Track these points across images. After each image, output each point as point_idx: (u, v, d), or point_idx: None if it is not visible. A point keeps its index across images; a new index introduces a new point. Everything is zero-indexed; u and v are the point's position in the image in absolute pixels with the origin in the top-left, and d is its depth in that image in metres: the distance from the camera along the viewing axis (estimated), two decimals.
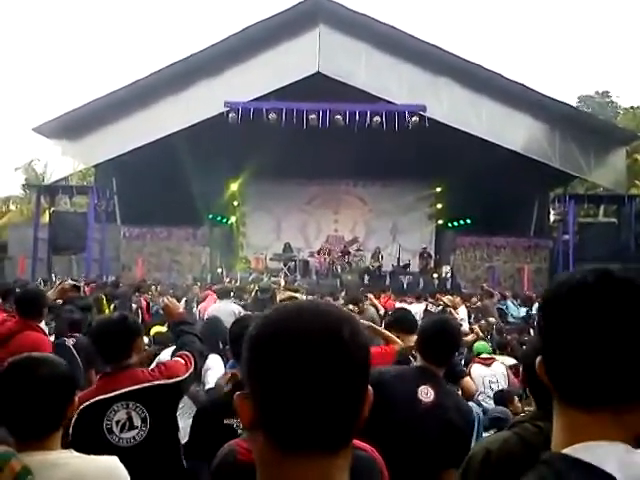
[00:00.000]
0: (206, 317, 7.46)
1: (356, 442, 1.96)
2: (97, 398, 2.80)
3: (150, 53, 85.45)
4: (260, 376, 0.92)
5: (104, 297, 8.21)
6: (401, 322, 4.53)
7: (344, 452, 0.94)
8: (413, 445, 2.79)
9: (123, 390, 2.80)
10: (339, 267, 22.51)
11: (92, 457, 1.90)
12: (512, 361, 7.11)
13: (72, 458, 1.87)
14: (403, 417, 2.85)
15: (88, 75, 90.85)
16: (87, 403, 2.75)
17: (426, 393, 2.89)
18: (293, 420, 0.90)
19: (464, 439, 2.90)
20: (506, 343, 8.08)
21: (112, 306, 8.62)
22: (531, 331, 13.31)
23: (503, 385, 6.21)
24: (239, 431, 2.56)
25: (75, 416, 2.62)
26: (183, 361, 3.07)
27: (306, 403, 0.89)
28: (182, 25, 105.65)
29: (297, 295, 4.90)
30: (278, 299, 4.99)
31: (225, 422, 2.72)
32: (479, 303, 15.53)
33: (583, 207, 21.01)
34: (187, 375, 3.03)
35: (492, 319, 12.88)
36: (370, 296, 10.98)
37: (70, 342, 5.09)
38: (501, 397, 5.81)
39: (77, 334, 5.35)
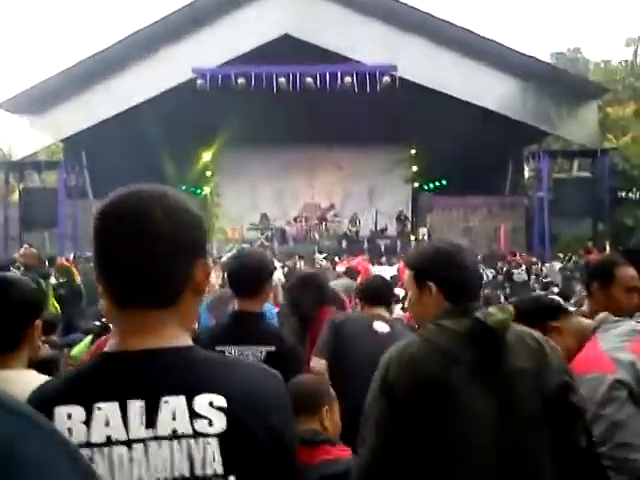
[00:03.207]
0: None
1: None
2: None
3: (113, 22, 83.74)
4: (94, 247, 1.12)
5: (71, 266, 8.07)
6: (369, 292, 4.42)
7: (170, 309, 1.12)
8: (371, 368, 2.87)
9: None
10: (316, 234, 22.46)
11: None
12: None
13: (34, 377, 1.83)
14: (361, 344, 3.14)
15: (50, 48, 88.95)
16: None
17: (381, 326, 3.18)
18: (117, 283, 1.12)
19: None
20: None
21: None
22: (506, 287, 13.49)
23: None
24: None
25: None
26: None
27: (123, 269, 1.10)
28: None
29: None
30: None
31: (217, 349, 2.72)
32: None
33: (557, 162, 21.06)
34: None
35: None
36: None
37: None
38: None
39: (52, 336, 5.16)
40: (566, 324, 2.39)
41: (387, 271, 12.91)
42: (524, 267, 14.62)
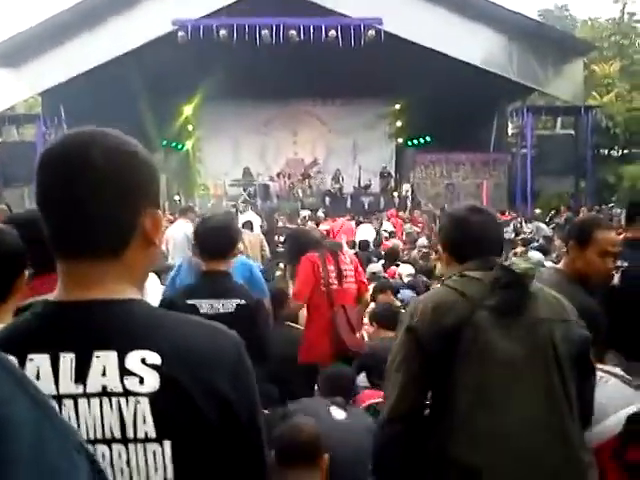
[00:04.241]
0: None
1: None
2: None
3: None
4: (35, 194, 1.07)
5: None
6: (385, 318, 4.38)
7: (114, 261, 1.06)
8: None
9: None
10: (300, 190, 22.35)
11: None
12: None
13: None
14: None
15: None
16: None
17: (338, 412, 2.93)
18: (57, 232, 1.06)
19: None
20: None
21: None
22: None
23: None
24: (202, 311, 2.88)
25: None
26: None
27: (62, 216, 1.04)
28: None
29: None
30: None
31: (189, 302, 2.94)
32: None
33: (541, 119, 21.05)
34: None
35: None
36: None
37: None
38: None
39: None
40: None
41: (368, 231, 13.03)
42: (512, 226, 14.77)
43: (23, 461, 0.66)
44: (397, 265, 7.83)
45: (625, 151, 21.26)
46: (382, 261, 8.25)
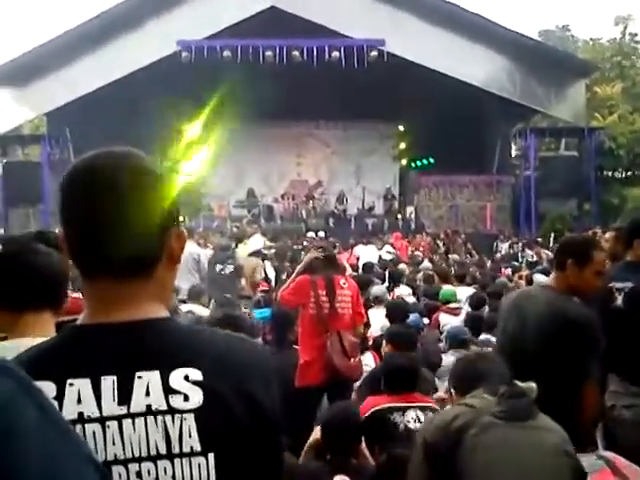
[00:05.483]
0: None
1: None
2: None
3: None
4: (62, 214, 1.06)
5: None
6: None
7: (145, 280, 1.07)
8: None
9: None
10: (304, 211, 22.36)
11: None
12: (470, 291, 7.13)
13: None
14: None
15: (33, 20, 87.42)
16: None
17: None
18: (82, 251, 1.06)
19: None
20: (464, 274, 8.15)
21: None
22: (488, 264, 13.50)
23: (469, 334, 6.06)
24: None
25: None
26: None
27: (89, 237, 1.03)
28: None
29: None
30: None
31: None
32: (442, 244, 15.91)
33: (544, 141, 21.09)
34: None
35: (455, 256, 13.11)
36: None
37: None
38: None
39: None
40: None
41: (372, 252, 12.89)
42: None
43: (32, 473, 0.66)
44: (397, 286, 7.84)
45: (629, 173, 21.27)
46: (386, 283, 8.23)
